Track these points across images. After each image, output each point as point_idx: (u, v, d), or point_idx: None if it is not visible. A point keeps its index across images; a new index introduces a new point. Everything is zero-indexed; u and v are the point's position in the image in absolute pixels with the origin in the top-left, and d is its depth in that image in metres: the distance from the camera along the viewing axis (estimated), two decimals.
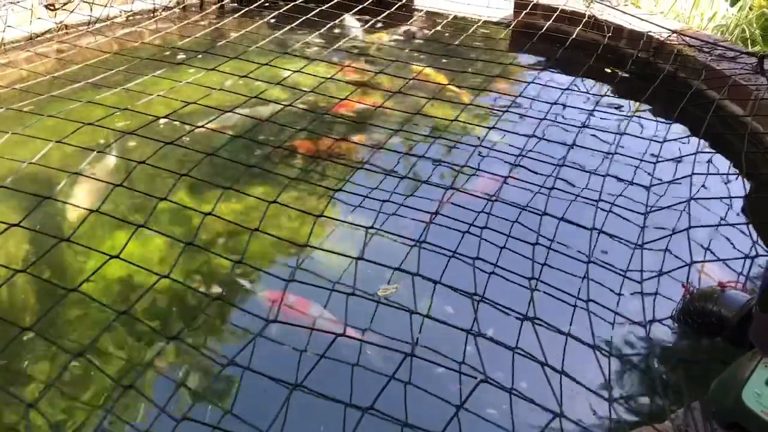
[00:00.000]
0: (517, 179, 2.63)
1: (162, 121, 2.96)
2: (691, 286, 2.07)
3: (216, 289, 2.22)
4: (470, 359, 1.89)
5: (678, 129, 3.24)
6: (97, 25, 4.36)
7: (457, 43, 4.21)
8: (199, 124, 3.07)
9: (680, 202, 2.51)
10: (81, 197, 2.66)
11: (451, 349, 1.96)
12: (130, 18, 4.60)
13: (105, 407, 1.82)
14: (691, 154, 2.81)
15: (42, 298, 2.21)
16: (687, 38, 3.90)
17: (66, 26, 4.25)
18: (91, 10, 4.35)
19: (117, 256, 2.10)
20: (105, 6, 4.43)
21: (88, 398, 1.85)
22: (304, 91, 3.30)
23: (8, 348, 1.86)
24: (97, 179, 2.62)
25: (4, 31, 3.91)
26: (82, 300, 2.10)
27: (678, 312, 2.07)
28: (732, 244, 2.50)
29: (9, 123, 2.87)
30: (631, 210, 2.49)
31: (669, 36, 3.98)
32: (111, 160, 2.90)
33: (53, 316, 2.10)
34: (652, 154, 2.87)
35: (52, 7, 4.22)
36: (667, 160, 2.82)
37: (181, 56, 3.79)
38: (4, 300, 2.18)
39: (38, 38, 4.10)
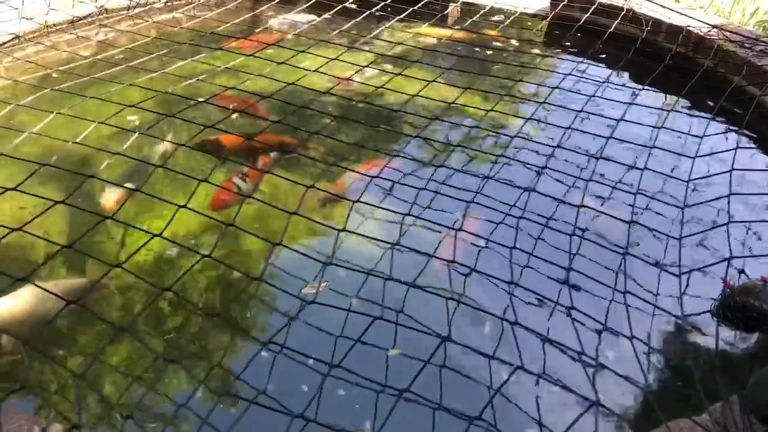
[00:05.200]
0: (555, 170, 2.62)
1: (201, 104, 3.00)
2: (731, 281, 2.05)
3: (255, 270, 2.25)
4: (505, 346, 1.90)
5: (718, 124, 3.20)
6: (137, 10, 4.42)
7: (494, 33, 4.19)
8: (238, 108, 3.11)
9: (720, 197, 2.48)
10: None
11: (487, 336, 1.97)
12: (168, 3, 4.66)
13: (148, 380, 1.87)
14: (731, 150, 2.78)
15: (87, 274, 2.26)
16: (727, 33, 3.84)
17: (106, 10, 4.31)
18: None
19: (159, 235, 2.14)
20: None
21: (131, 371, 1.89)
22: (341, 78, 3.32)
23: (55, 321, 1.91)
24: (138, 160, 2.67)
25: (47, 14, 3.98)
26: (126, 276, 2.15)
27: (718, 306, 2.05)
28: None
29: (52, 104, 2.93)
30: (669, 204, 2.47)
31: (709, 31, 3.92)
32: (151, 142, 2.94)
33: (98, 292, 2.15)
34: (691, 149, 2.84)
35: None
36: (706, 155, 2.79)
37: (218, 42, 3.83)
38: (50, 275, 2.23)
39: (80, 21, 4.16)
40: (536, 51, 4.21)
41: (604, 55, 3.89)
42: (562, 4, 4.42)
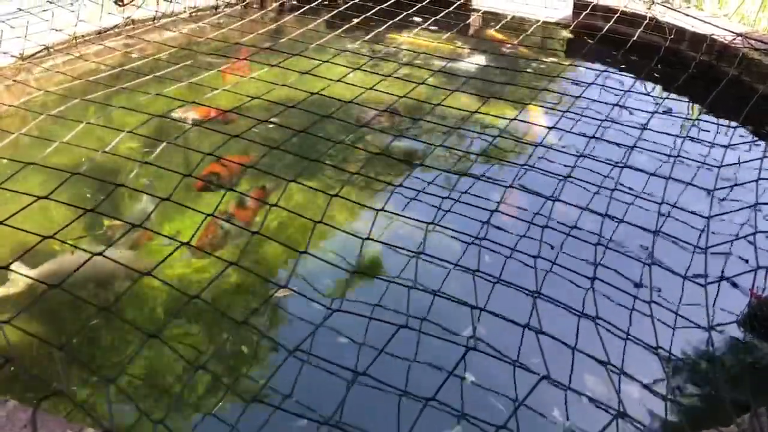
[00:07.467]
0: (578, 179, 2.62)
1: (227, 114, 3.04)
2: (758, 292, 2.04)
3: (281, 278, 2.27)
4: (530, 355, 1.90)
5: (742, 134, 3.18)
6: (163, 21, 4.49)
7: (515, 42, 4.20)
8: (263, 118, 3.14)
9: (745, 207, 2.47)
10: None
11: (511, 346, 1.98)
12: (193, 14, 4.73)
13: (178, 386, 1.90)
14: (756, 159, 2.76)
15: (116, 282, 2.30)
16: (753, 41, 3.82)
17: (133, 21, 4.39)
18: (157, 4, 4.49)
19: (188, 243, 2.17)
20: (170, 2, 4.56)
21: (161, 376, 1.93)
22: (364, 88, 3.34)
23: (87, 327, 1.95)
24: (165, 169, 2.70)
25: (76, 25, 4.06)
26: (155, 284, 2.18)
27: (744, 317, 2.04)
28: None
29: (81, 113, 2.99)
30: (694, 213, 2.46)
31: (733, 39, 3.90)
32: (179, 152, 2.99)
33: (128, 299, 2.19)
34: (716, 159, 2.83)
35: (121, 3, 4.37)
36: (731, 165, 2.78)
37: (243, 53, 3.87)
38: (80, 282, 2.27)
39: (107, 33, 4.24)
40: (558, 60, 4.22)
41: (626, 64, 3.89)
42: (584, 12, 4.43)
